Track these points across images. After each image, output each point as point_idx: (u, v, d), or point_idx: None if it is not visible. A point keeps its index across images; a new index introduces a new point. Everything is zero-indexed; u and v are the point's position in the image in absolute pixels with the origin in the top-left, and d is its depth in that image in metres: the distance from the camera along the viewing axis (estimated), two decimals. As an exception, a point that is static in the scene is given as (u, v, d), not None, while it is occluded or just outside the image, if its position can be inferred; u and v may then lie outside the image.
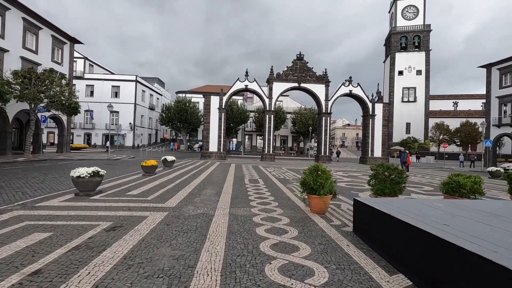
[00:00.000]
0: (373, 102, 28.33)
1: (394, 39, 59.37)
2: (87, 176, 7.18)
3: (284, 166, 21.20)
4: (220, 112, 26.94)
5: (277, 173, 15.07)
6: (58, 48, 26.96)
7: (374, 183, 6.31)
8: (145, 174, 12.24)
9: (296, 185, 10.47)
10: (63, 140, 28.26)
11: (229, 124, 44.03)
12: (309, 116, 46.23)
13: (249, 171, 15.67)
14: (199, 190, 8.68)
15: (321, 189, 5.79)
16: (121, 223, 4.94)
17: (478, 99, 65.73)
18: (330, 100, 27.80)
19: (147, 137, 54.23)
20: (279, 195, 8.35)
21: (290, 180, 12.00)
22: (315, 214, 5.97)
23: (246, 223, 5.12)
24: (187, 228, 4.73)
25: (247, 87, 27.14)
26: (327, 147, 28.10)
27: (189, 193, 8.10)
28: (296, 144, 53.90)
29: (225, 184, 10.12)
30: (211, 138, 26.90)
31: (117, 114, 47.38)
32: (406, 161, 17.77)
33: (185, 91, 55.60)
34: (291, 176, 14.00)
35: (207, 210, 6.13)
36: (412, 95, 58.91)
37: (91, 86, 47.17)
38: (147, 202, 6.76)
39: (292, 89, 27.98)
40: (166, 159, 15.63)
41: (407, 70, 59.27)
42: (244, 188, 9.35)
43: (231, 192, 8.57)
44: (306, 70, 27.61)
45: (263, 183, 10.92)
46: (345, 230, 4.91)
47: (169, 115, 46.41)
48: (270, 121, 27.36)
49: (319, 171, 6.01)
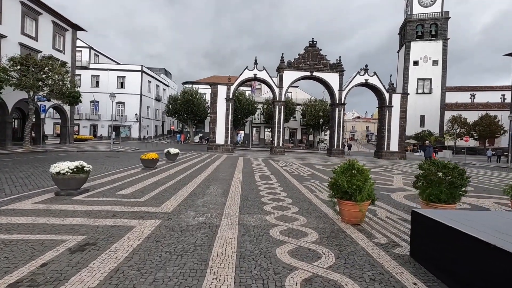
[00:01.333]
0: (390, 92, 26.52)
1: (410, 27, 56.58)
2: (68, 173, 5.99)
3: (296, 160, 19.85)
4: (228, 102, 25.60)
5: (290, 168, 13.75)
6: (60, 35, 25.88)
7: (424, 185, 4.93)
8: (145, 168, 11.09)
9: (314, 183, 9.14)
10: (66, 131, 27.45)
11: (236, 116, 42.67)
12: (320, 108, 44.48)
13: (259, 166, 14.40)
14: (203, 189, 7.45)
15: (358, 193, 4.46)
16: (96, 238, 3.72)
17: (497, 91, 62.67)
18: (344, 90, 26.11)
19: (153, 129, 53.40)
20: (297, 196, 7.04)
21: (306, 177, 10.67)
22: (348, 225, 4.66)
23: (262, 240, 3.84)
24: (182, 248, 3.48)
25: (256, 76, 25.66)
26: (340, 140, 26.55)
27: (190, 193, 6.86)
28: (305, 137, 52.31)
29: (233, 182, 8.86)
30: (218, 130, 25.66)
31: (123, 105, 46.55)
32: (431, 155, 16.20)
33: (192, 82, 54.31)
34: (306, 171, 12.66)
35: (210, 217, 4.87)
36: (427, 87, 56.39)
37: (97, 76, 46.32)
38: (138, 205, 5.55)
39: (303, 78, 26.37)
40: (169, 152, 14.46)
41: (423, 60, 56.59)
42: (255, 187, 8.08)
43: (240, 191, 7.30)
44: (319, 58, 25.90)
45: (275, 180, 9.63)
46: (399, 253, 3.58)
47: (175, 106, 45.30)
48: (280, 112, 25.91)
49: (354, 169, 4.66)
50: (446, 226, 2.98)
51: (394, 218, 5.23)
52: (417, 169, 8.21)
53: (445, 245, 2.98)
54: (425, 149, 16.39)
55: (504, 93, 62.20)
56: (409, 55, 56.61)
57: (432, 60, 56.25)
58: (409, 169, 15.83)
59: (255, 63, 25.55)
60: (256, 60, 25.55)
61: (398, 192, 8.01)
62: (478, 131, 46.71)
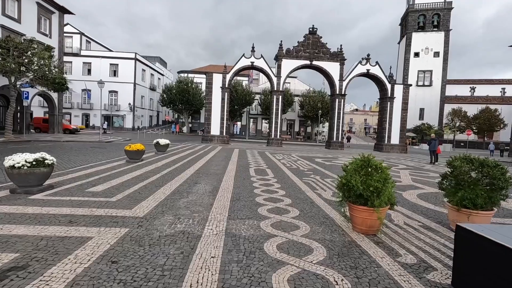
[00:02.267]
0: (392, 83, 25.54)
1: (412, 18, 55.25)
2: (25, 167, 5.01)
3: (294, 152, 18.95)
4: (223, 91, 24.48)
5: (287, 161, 12.85)
6: (45, 18, 24.37)
7: (454, 187, 4.03)
8: (130, 160, 10.10)
9: (315, 179, 8.24)
10: (54, 120, 26.23)
11: (233, 107, 41.51)
12: (318, 99, 43.42)
13: (255, 158, 13.47)
14: (189, 186, 6.51)
15: (376, 197, 3.55)
16: (32, 257, 2.78)
17: (497, 84, 61.87)
18: (345, 80, 25.08)
19: (147, 119, 52.10)
20: (297, 195, 6.14)
21: (305, 172, 9.77)
22: (362, 236, 3.76)
23: (253, 261, 2.93)
24: (144, 275, 2.55)
25: (253, 64, 24.48)
26: (339, 132, 25.65)
27: (174, 191, 5.92)
28: (303, 128, 51.39)
29: (225, 177, 7.93)
30: (213, 120, 24.61)
31: (116, 94, 45.13)
32: (436, 149, 15.37)
33: (188, 71, 52.78)
34: (305, 165, 11.76)
35: (192, 224, 3.95)
36: (427, 79, 55.47)
37: (88, 64, 44.69)
38: (107, 206, 4.61)
39: (303, 67, 25.24)
40: (159, 143, 13.46)
41: (424, 51, 55.46)
42: (249, 183, 7.16)
43: (232, 189, 6.38)
44: (319, 46, 24.74)
45: (272, 175, 8.71)
46: (436, 281, 2.69)
47: (170, 96, 43.94)
48: (277, 103, 24.86)
49: (370, 167, 3.74)
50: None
51: (415, 225, 4.35)
52: (421, 164, 7.13)
53: (508, 277, 2.09)
54: (430, 142, 15.53)
55: (504, 86, 61.48)
56: (410, 46, 55.45)
57: (433, 52, 55.18)
58: (413, 163, 15.02)
59: (252, 51, 24.34)
60: (253, 47, 24.33)
61: (410, 191, 7.14)
62: (478, 125, 46.08)
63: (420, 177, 9.72)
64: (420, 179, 9.34)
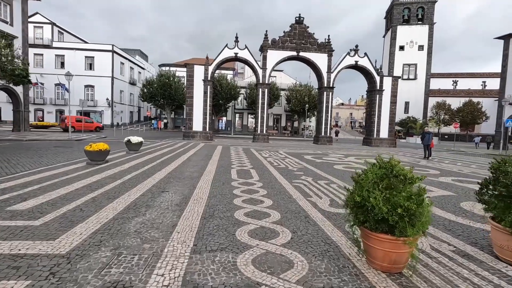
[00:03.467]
0: (381, 75, 24.78)
1: (397, 11, 55.12)
2: None
3: (281, 149, 17.83)
4: (206, 84, 22.96)
5: (275, 159, 11.67)
6: (5, 3, 21.93)
7: (504, 201, 2.92)
8: (91, 163, 8.61)
9: (306, 182, 7.07)
10: (20, 116, 23.93)
11: (217, 101, 39.96)
12: (305, 93, 42.47)
13: (239, 156, 12.22)
14: (152, 197, 5.19)
15: (409, 224, 2.38)
16: None
17: (478, 78, 63.14)
18: (333, 73, 24.09)
19: (128, 115, 49.66)
20: (288, 205, 4.95)
21: (295, 172, 8.61)
22: (383, 276, 2.60)
23: None
24: None
25: (237, 56, 23.03)
26: (328, 126, 24.73)
27: (129, 205, 4.59)
28: (290, 123, 50.46)
29: (200, 182, 6.64)
30: (195, 116, 23.09)
31: (92, 89, 42.60)
32: (429, 143, 14.61)
33: (170, 64, 50.57)
34: (294, 164, 10.62)
35: (135, 265, 2.66)
36: (412, 72, 55.73)
37: (61, 56, 41.77)
38: (19, 236, 3.23)
39: (289, 58, 24.03)
40: (130, 141, 11.94)
41: (409, 45, 55.56)
42: (229, 190, 5.91)
43: (206, 199, 5.11)
44: (306, 36, 23.56)
45: (257, 178, 7.49)
46: None
47: (151, 90, 41.76)
48: (263, 96, 23.60)
49: (395, 176, 2.57)
50: None
51: (446, 251, 3.24)
52: (416, 159, 6.06)
53: None
54: (424, 136, 14.76)
55: (485, 79, 62.78)
56: (395, 40, 55.39)
57: (418, 45, 55.40)
58: (407, 159, 14.20)
59: (235, 41, 22.88)
60: (237, 37, 22.87)
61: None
62: (461, 118, 46.57)
63: (421, 176, 8.75)
64: (422, 178, 8.37)
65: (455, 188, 6.96)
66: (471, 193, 6.48)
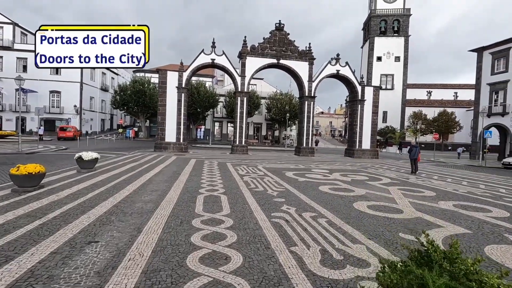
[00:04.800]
0: (363, 85, 24.29)
1: (374, 23, 56.40)
2: None
3: (260, 162, 16.47)
4: (180, 92, 21.30)
5: (252, 179, 10.25)
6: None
7: None
8: (18, 190, 6.76)
9: (288, 215, 5.68)
10: (-35, 125, 21.03)
11: (195, 109, 38.22)
12: (286, 102, 41.69)
13: (211, 175, 10.69)
14: (68, 255, 3.57)
15: None
16: None
17: (450, 89, 65.82)
18: (315, 82, 23.26)
19: (99, 123, 46.61)
20: (264, 266, 3.51)
21: (274, 199, 7.22)
22: None
23: None
24: None
25: (213, 62, 21.64)
26: (310, 137, 23.74)
27: (17, 279, 2.97)
28: (271, 132, 49.44)
29: (151, 220, 5.07)
30: (168, 125, 21.29)
31: (59, 95, 39.53)
32: (416, 157, 13.83)
33: (145, 70, 48.21)
34: (274, 185, 9.25)
35: None
36: (389, 83, 56.93)
37: (24, 59, 38.48)
38: None
39: (269, 66, 22.95)
40: (82, 158, 10.09)
41: (386, 56, 56.87)
42: (186, 235, 4.39)
43: (149, 255, 3.57)
44: (286, 43, 22.64)
45: (228, 209, 6.02)
46: None
47: (124, 97, 39.28)
48: (242, 105, 22.27)
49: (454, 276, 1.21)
50: None
51: None
52: (404, 175, 4.81)
53: None
54: (411, 150, 13.98)
55: (456, 90, 65.46)
56: (373, 51, 56.49)
57: (395, 56, 56.77)
58: (395, 174, 13.27)
59: (212, 46, 21.52)
60: (214, 42, 21.51)
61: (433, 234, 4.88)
62: (437, 127, 47.64)
63: (419, 200, 7.66)
64: (421, 203, 7.26)
65: (464, 221, 5.85)
66: (485, 228, 5.38)
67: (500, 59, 28.27)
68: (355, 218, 5.68)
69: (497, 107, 28.49)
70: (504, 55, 27.70)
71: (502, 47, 27.85)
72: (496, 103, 28.86)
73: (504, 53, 27.71)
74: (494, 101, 29.08)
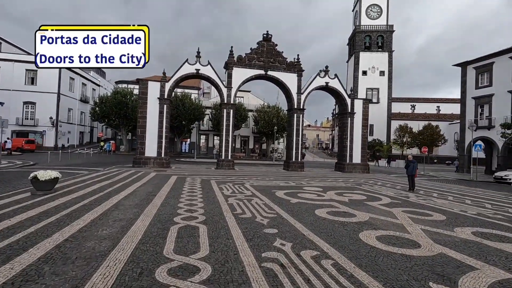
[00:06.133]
0: (352, 98, 23.79)
1: (359, 38, 57.55)
2: None
3: (248, 179, 15.23)
4: (162, 103, 19.99)
5: (238, 201, 8.99)
6: None
7: None
8: None
9: (283, 256, 4.46)
10: None
11: (180, 122, 36.80)
12: (273, 115, 40.95)
13: (192, 196, 9.36)
14: None
15: None
16: None
17: (433, 103, 67.40)
18: (303, 94, 22.54)
19: (77, 136, 44.21)
20: None
21: (264, 229, 5.98)
22: None
23: None
24: None
25: (198, 72, 20.57)
26: (299, 151, 22.77)
27: None
28: (258, 145, 48.36)
29: (96, 274, 3.71)
30: (148, 139, 19.79)
31: (33, 106, 37.22)
32: (414, 173, 13.00)
33: (127, 81, 46.67)
34: (263, 209, 8.03)
35: None
36: (375, 96, 57.57)
37: (-4, 68, 36.17)
38: None
39: (257, 77, 22.11)
40: (37, 179, 8.56)
41: (371, 70, 57.80)
42: (144, 298, 3.09)
43: None
44: (274, 54, 21.95)
45: (207, 249, 4.73)
46: None
47: (104, 109, 37.40)
48: (228, 118, 21.15)
49: None
50: None
51: None
52: (402, 193, 4.06)
53: None
54: (408, 165, 13.15)
55: (439, 104, 67.08)
56: (358, 65, 57.31)
57: (379, 71, 57.72)
58: (393, 193, 12.32)
59: (197, 56, 20.51)
60: (198, 52, 20.52)
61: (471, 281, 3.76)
62: (422, 140, 48.01)
63: (431, 227, 6.62)
64: (436, 232, 6.21)
65: (498, 257, 4.80)
66: (527, 268, 4.34)
67: (484, 73, 28.69)
68: (367, 258, 4.53)
69: (483, 120, 28.65)
70: (488, 69, 28.13)
71: (485, 62, 28.31)
72: (481, 117, 29.06)
73: (487, 68, 28.14)
74: (479, 115, 29.30)
